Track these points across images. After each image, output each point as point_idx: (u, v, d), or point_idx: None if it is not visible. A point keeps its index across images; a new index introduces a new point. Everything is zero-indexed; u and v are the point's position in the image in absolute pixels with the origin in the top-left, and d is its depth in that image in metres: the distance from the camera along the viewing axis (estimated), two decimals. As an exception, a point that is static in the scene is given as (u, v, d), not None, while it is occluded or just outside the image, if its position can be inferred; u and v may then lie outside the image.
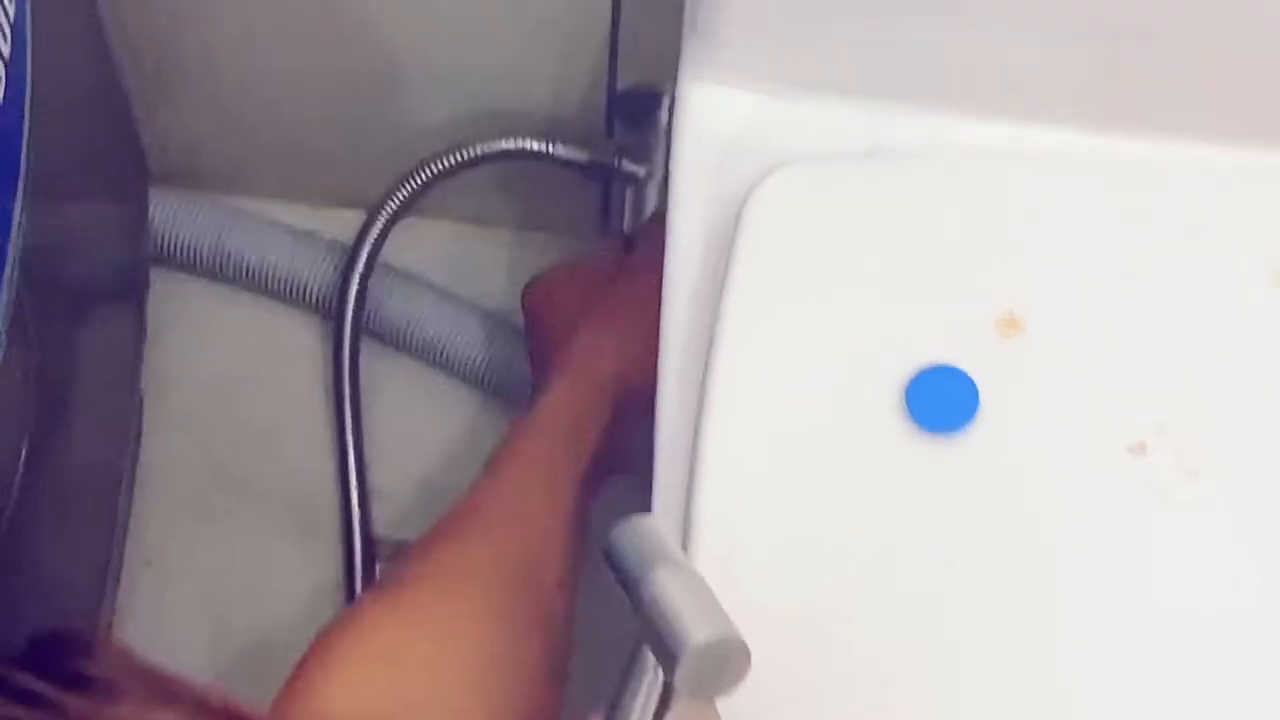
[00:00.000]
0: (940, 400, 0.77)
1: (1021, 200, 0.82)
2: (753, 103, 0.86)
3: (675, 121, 0.87)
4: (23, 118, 0.70)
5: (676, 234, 0.85)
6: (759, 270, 0.80)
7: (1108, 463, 0.77)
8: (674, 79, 1.07)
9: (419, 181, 1.12)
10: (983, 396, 0.77)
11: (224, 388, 1.20)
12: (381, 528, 1.17)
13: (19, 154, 0.69)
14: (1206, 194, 0.82)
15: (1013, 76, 0.84)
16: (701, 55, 0.87)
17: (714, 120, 0.86)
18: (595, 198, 1.22)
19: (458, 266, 1.23)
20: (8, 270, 0.69)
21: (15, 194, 0.69)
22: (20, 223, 0.70)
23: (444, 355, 1.19)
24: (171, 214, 1.18)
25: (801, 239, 0.81)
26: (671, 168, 0.87)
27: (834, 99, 0.86)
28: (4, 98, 0.67)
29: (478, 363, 1.19)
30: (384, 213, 1.14)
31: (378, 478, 1.17)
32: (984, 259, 0.81)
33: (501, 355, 1.19)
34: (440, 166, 1.12)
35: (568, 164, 1.12)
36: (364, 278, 1.15)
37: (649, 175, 1.11)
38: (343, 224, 1.20)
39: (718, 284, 0.82)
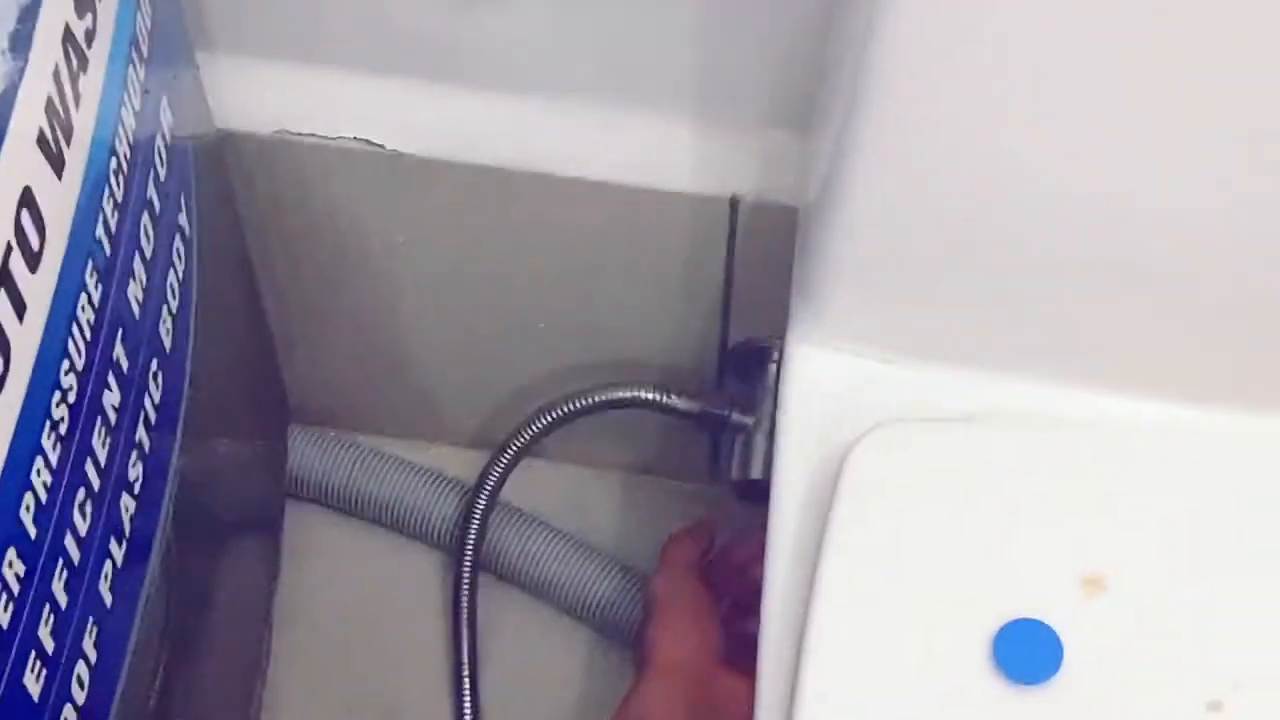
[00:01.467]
0: (1026, 653, 0.82)
1: (1107, 465, 0.87)
2: (856, 366, 0.92)
3: (782, 380, 0.93)
4: (184, 374, 0.76)
5: (780, 490, 0.90)
6: (855, 527, 0.85)
7: (1187, 716, 0.81)
8: (783, 337, 1.16)
9: (540, 425, 1.18)
10: (1067, 651, 0.81)
11: (350, 619, 1.25)
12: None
13: (179, 408, 0.76)
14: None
15: (1102, 348, 0.89)
16: (809, 319, 0.92)
17: (818, 382, 0.92)
18: (704, 445, 1.28)
19: (573, 507, 1.28)
20: (163, 512, 0.74)
21: (175, 444, 0.75)
22: (177, 468, 0.76)
23: (558, 592, 1.24)
24: (307, 451, 1.24)
25: (896, 496, 0.86)
26: (778, 426, 0.92)
27: (933, 365, 0.91)
28: (164, 381, 0.73)
29: (589, 600, 1.24)
30: (506, 453, 1.20)
31: (491, 708, 1.22)
32: (1072, 520, 0.85)
33: (612, 594, 1.24)
34: (561, 412, 1.17)
35: (681, 414, 1.18)
36: (484, 515, 1.20)
37: (757, 425, 1.16)
38: (465, 463, 1.26)
39: (818, 541, 0.88)
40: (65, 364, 0.66)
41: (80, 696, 0.70)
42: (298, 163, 1.08)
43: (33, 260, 0.63)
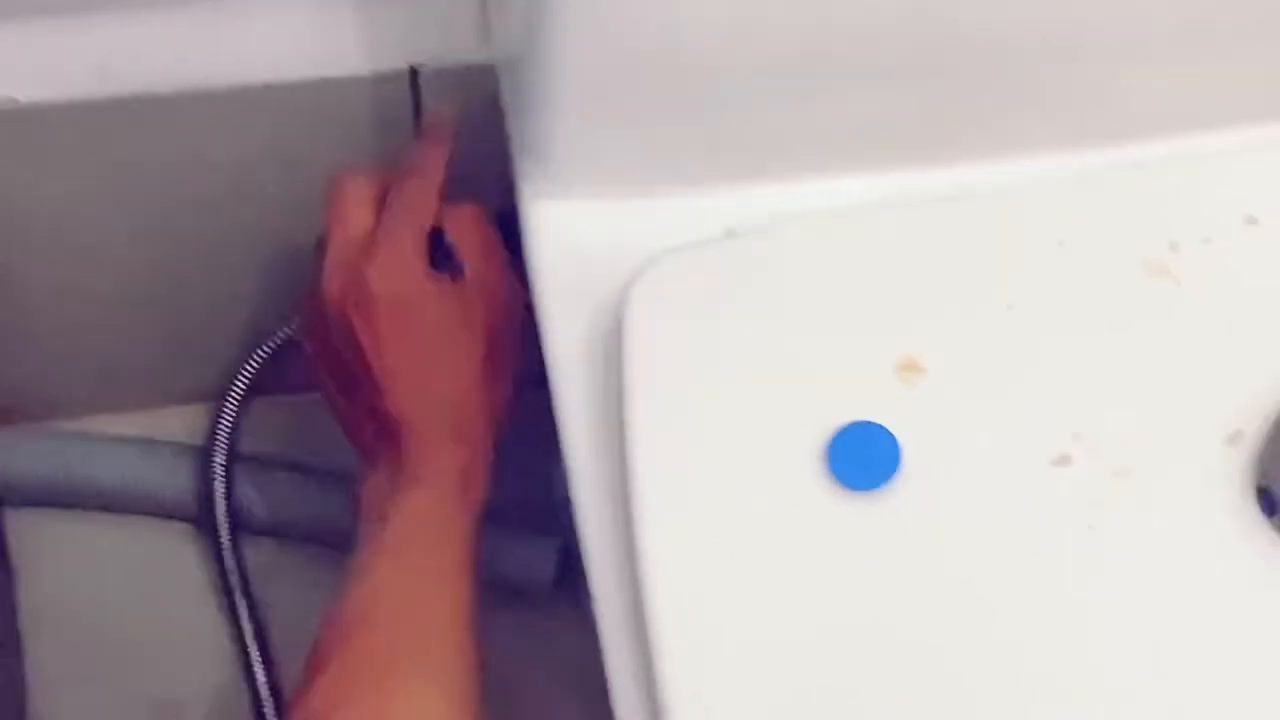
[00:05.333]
0: (862, 458, 0.77)
1: (888, 247, 0.83)
2: (600, 210, 0.86)
3: (527, 244, 0.87)
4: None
5: (556, 352, 0.84)
6: (653, 369, 0.80)
7: (1037, 480, 0.78)
8: (490, 203, 1.09)
9: (261, 358, 1.10)
10: (902, 443, 0.77)
11: (110, 619, 1.16)
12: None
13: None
14: (1057, 203, 0.83)
15: (840, 131, 0.85)
16: (539, 173, 0.86)
17: (566, 234, 0.86)
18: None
19: (305, 439, 1.20)
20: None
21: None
22: None
23: (325, 532, 1.16)
24: (6, 451, 1.14)
25: (687, 328, 0.81)
26: (535, 291, 0.86)
27: (676, 190, 0.86)
28: None
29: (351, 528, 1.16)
30: (230, 400, 1.11)
31: (286, 669, 1.14)
32: (867, 310, 0.81)
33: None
34: (278, 340, 1.09)
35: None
36: (228, 472, 1.12)
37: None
38: (186, 422, 1.17)
39: (610, 396, 0.82)
40: None
41: None
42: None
43: None
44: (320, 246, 0.91)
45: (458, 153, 0.93)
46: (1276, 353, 0.80)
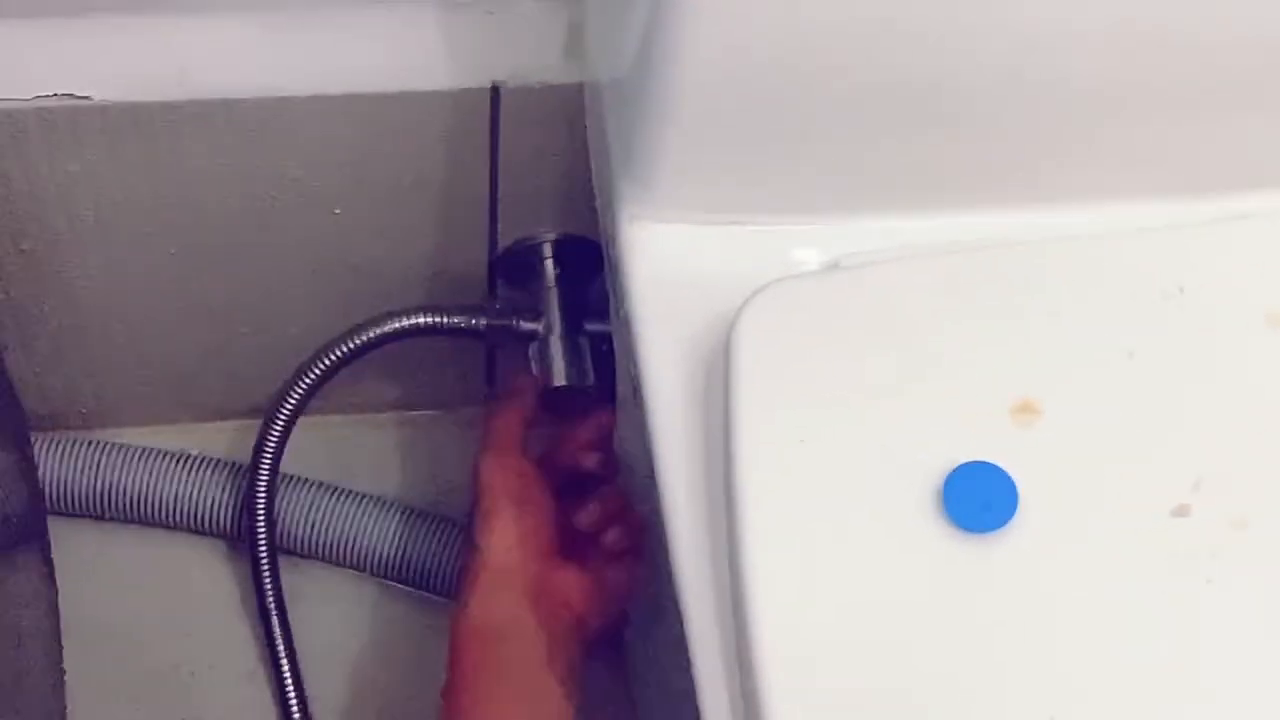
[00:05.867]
0: (978, 499, 0.75)
1: (1002, 286, 0.81)
2: (700, 235, 0.84)
3: (622, 266, 0.85)
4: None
5: (652, 378, 0.82)
6: (762, 399, 0.78)
7: (1156, 529, 0.76)
8: (553, 227, 1.07)
9: (314, 377, 1.07)
10: (1021, 489, 0.75)
11: (146, 630, 1.14)
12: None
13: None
14: (1179, 249, 0.82)
15: (947, 167, 0.83)
16: (639, 195, 0.84)
17: (665, 259, 0.84)
18: (478, 365, 1.18)
19: (352, 462, 1.18)
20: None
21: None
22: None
23: (361, 555, 1.13)
24: (55, 459, 1.11)
25: (797, 359, 0.79)
26: (632, 315, 0.84)
27: (778, 218, 0.85)
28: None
29: (394, 558, 1.14)
30: (278, 419, 1.08)
31: (318, 697, 1.11)
32: (981, 349, 0.79)
33: (418, 546, 1.14)
34: (335, 357, 1.06)
35: (462, 333, 1.08)
36: (269, 491, 1.09)
37: (548, 329, 1.08)
38: (234, 439, 1.15)
39: (709, 422, 0.80)
40: None
41: None
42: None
43: None
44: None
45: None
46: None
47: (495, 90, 0.96)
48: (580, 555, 0.94)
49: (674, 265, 0.84)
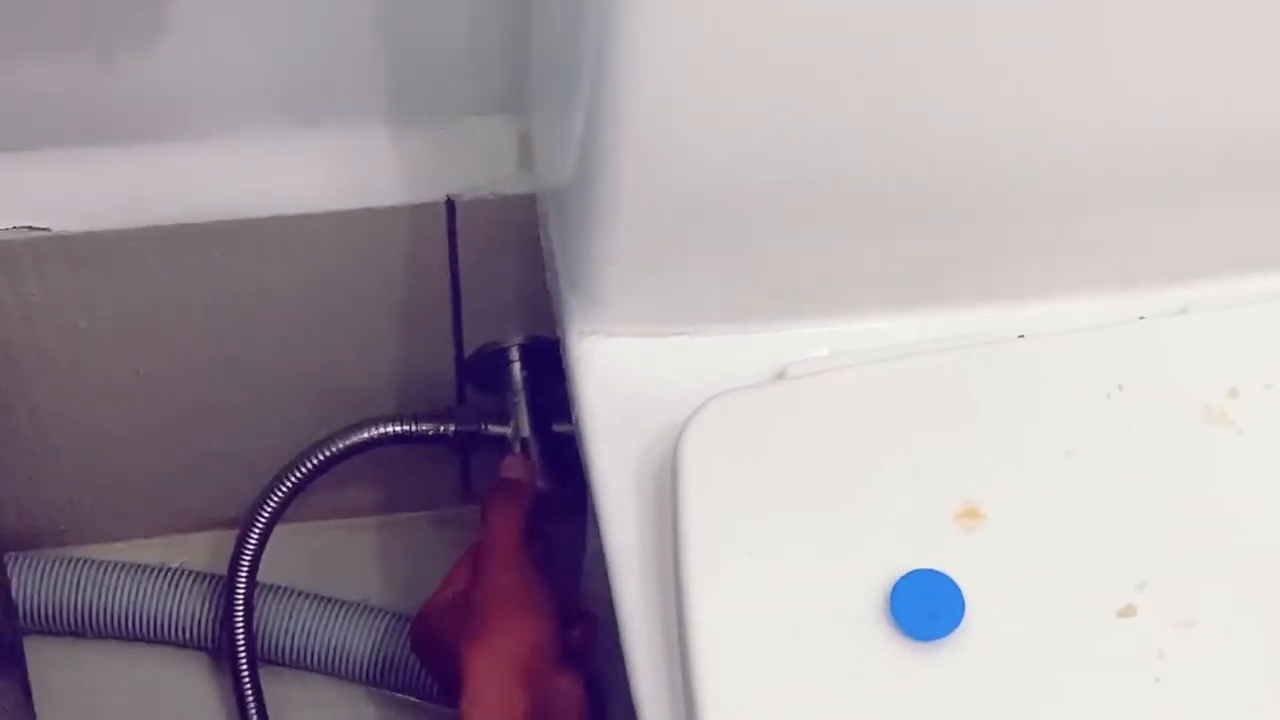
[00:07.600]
0: (926, 607, 0.76)
1: (942, 390, 0.82)
2: (647, 348, 0.85)
3: (574, 379, 0.85)
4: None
5: (604, 492, 0.83)
6: (708, 511, 0.78)
7: (1102, 630, 0.76)
8: (518, 334, 1.08)
9: (286, 488, 1.08)
10: (965, 592, 0.76)
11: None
12: None
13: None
14: (1116, 346, 0.82)
15: (890, 271, 0.84)
16: (585, 309, 0.85)
17: (613, 371, 0.85)
18: (453, 468, 1.19)
19: (330, 568, 1.18)
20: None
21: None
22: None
23: (344, 662, 1.14)
24: (30, 577, 1.12)
25: (742, 470, 0.79)
26: (583, 428, 0.85)
27: (724, 328, 0.85)
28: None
29: (379, 662, 1.14)
30: (254, 529, 1.09)
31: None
32: (924, 455, 0.80)
33: (397, 648, 1.14)
34: (306, 470, 1.07)
35: (431, 440, 1.09)
36: (247, 601, 1.10)
37: (515, 433, 1.08)
38: (209, 550, 1.15)
39: (661, 534, 0.81)
40: None
41: None
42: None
43: None
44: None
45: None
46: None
47: (450, 203, 0.97)
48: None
49: (623, 378, 0.85)
